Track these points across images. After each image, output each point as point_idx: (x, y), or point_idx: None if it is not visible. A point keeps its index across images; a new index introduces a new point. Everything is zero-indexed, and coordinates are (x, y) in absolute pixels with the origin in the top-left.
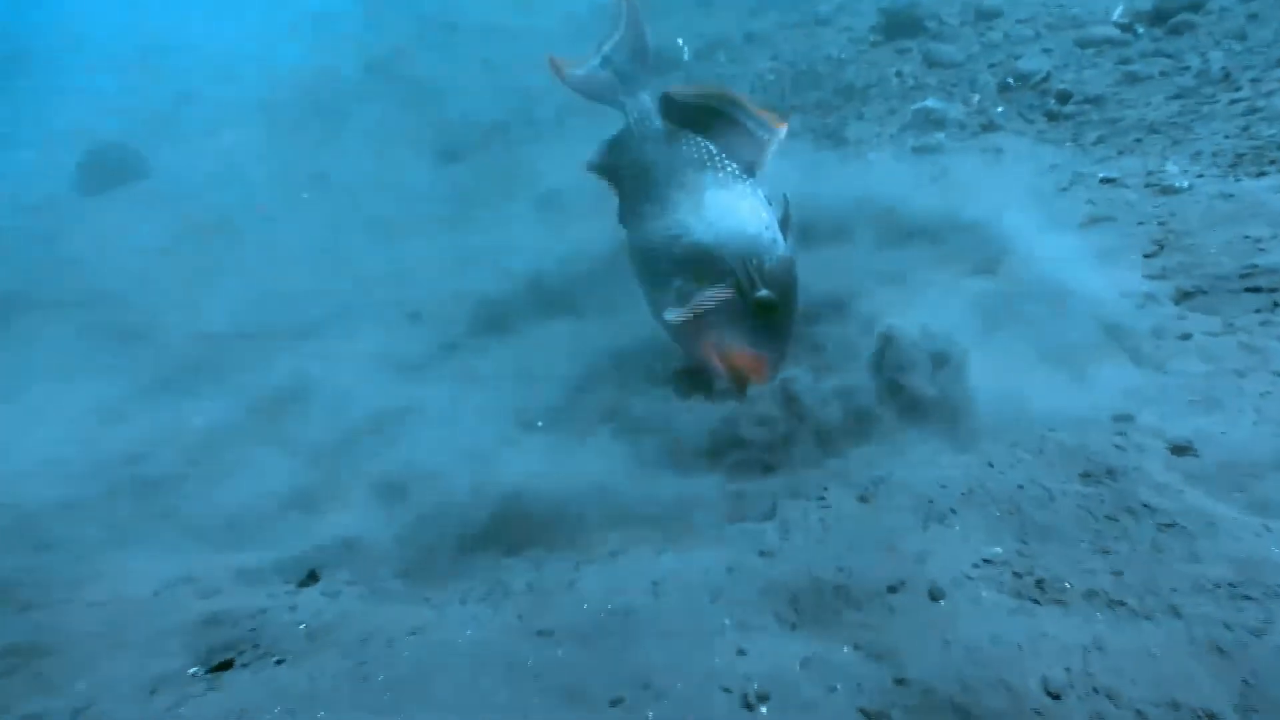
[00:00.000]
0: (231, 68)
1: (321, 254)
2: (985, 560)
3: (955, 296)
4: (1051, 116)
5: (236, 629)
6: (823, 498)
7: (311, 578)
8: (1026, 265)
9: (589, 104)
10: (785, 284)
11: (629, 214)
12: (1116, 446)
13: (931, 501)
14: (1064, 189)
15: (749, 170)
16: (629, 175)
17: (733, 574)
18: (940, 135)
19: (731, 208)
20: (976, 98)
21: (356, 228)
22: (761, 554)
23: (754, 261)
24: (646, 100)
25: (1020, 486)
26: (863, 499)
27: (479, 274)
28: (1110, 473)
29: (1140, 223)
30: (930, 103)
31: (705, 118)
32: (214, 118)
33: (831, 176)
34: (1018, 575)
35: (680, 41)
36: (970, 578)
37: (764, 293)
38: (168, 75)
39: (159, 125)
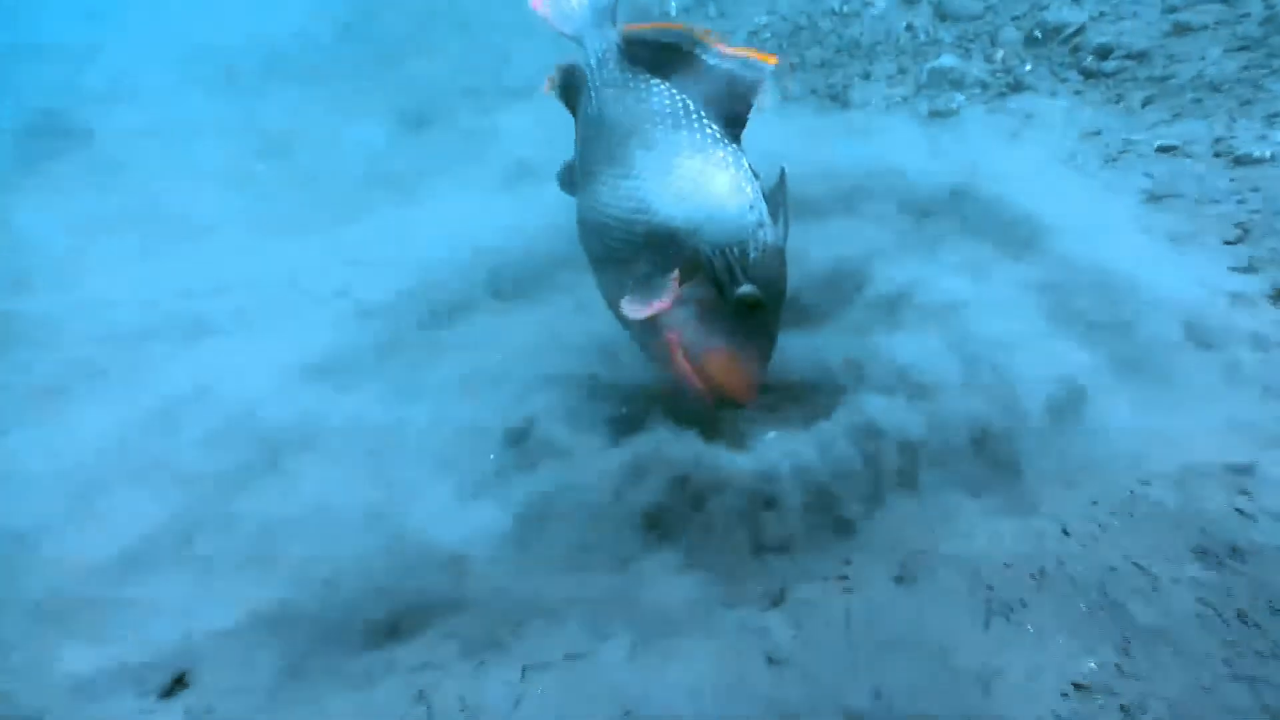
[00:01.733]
0: (191, 26)
1: (264, 234)
2: (1077, 686)
3: (993, 288)
4: (1089, 75)
5: None
6: (845, 577)
7: (177, 684)
8: (1077, 250)
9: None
10: (772, 279)
11: (582, 174)
12: (1239, 511)
13: (991, 588)
14: (1112, 159)
15: (733, 130)
16: (582, 127)
17: (732, 696)
18: (959, 97)
19: (708, 179)
20: (1000, 54)
21: (309, 202)
22: (770, 662)
23: (735, 250)
24: (613, 37)
25: (1112, 568)
26: (899, 580)
27: (435, 255)
28: (1236, 552)
29: (1214, 200)
30: (946, 60)
31: (669, 59)
32: (168, 83)
33: (836, 144)
34: (1128, 713)
35: None
36: (1062, 718)
37: (747, 288)
38: (119, 36)
39: (106, 92)
